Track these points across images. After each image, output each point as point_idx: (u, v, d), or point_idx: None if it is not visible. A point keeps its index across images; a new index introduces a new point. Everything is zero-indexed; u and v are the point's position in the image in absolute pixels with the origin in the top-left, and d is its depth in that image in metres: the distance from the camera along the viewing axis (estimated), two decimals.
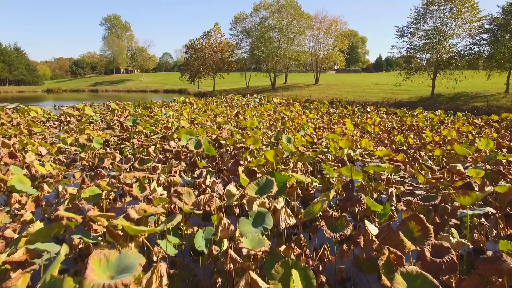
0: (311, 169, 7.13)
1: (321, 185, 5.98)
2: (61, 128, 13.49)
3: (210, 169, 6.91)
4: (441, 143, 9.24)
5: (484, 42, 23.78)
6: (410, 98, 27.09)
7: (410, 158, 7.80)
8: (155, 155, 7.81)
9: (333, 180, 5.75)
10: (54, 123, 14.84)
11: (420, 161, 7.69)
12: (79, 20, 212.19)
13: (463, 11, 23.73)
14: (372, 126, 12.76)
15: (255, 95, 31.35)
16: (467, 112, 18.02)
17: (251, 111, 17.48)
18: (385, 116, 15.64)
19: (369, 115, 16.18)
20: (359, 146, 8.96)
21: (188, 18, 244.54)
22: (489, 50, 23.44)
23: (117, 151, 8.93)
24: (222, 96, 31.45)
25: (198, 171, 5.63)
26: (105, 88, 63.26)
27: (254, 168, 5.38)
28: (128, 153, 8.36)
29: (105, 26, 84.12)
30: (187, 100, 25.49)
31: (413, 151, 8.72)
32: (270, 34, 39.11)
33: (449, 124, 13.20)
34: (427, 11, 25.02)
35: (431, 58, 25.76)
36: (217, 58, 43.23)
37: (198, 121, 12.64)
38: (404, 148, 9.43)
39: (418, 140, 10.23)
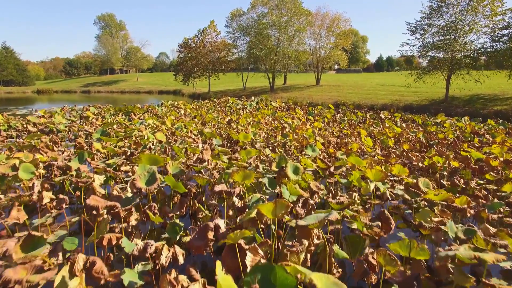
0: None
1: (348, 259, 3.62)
2: (15, 142, 10.98)
3: (178, 220, 4.56)
4: (498, 168, 6.84)
5: (506, 38, 21.33)
6: (421, 100, 24.74)
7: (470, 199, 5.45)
8: (103, 192, 5.40)
9: (373, 258, 3.39)
10: (12, 134, 12.39)
11: (486, 202, 5.35)
12: (78, 20, 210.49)
13: (483, 4, 21.30)
14: (393, 139, 10.39)
15: (252, 97, 28.94)
16: (497, 117, 15.59)
17: (246, 118, 15.06)
18: (404, 125, 13.18)
19: (386, 124, 13.71)
20: (385, 171, 6.58)
21: (187, 17, 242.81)
22: None
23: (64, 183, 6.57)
24: (216, 99, 28.98)
25: (141, 244, 3.23)
26: (97, 89, 60.82)
27: (239, 244, 3.01)
28: (69, 188, 5.98)
29: (99, 25, 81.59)
30: (176, 103, 22.98)
31: (462, 181, 6.33)
32: (268, 31, 36.62)
33: (486, 135, 10.79)
34: (442, 4, 22.57)
35: (446, 56, 23.34)
36: (213, 57, 40.72)
37: (178, 133, 10.21)
38: (445, 173, 7.09)
39: (457, 161, 7.84)
